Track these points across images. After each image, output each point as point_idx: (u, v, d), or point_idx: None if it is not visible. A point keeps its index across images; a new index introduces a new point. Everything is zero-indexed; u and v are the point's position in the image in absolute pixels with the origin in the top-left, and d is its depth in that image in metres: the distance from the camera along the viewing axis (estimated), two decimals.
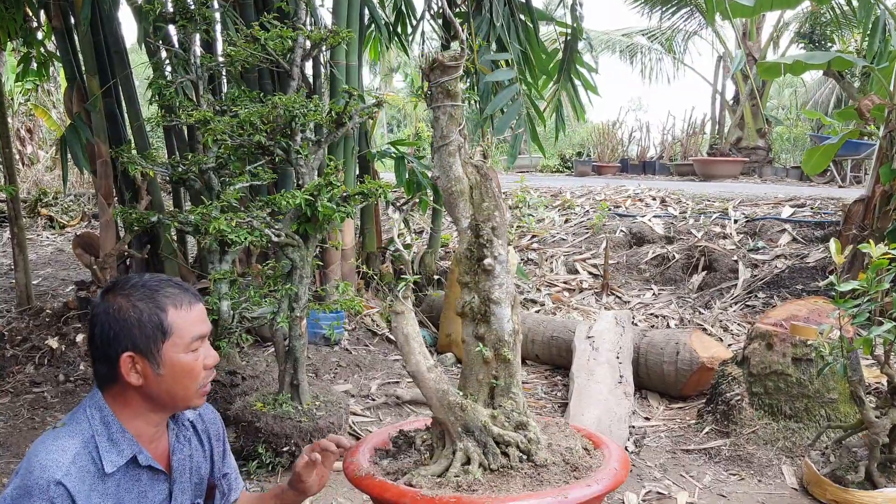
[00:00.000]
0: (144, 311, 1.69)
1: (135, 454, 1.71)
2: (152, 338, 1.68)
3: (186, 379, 1.73)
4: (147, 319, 1.68)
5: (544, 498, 1.96)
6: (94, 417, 1.69)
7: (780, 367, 4.23)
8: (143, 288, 1.72)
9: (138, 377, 1.69)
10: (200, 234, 3.80)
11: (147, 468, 1.74)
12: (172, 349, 1.70)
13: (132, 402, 1.73)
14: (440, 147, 2.11)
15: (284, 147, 3.77)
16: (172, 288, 1.74)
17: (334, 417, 3.87)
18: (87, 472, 1.63)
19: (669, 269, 7.89)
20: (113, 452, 1.68)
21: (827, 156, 7.05)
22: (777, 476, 3.90)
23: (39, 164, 15.26)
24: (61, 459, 1.60)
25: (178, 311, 1.71)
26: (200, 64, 4.43)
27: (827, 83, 21.69)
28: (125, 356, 1.68)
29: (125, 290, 1.72)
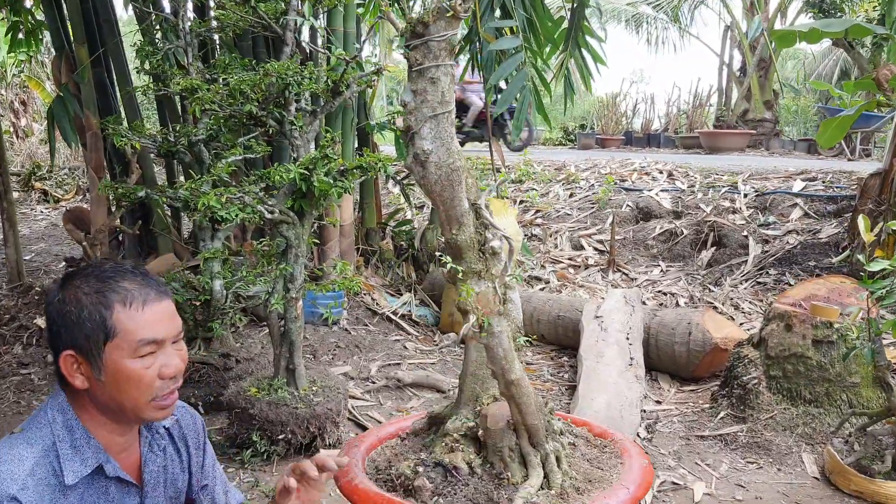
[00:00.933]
0: (86, 307, 1.45)
1: (101, 463, 1.50)
2: (92, 338, 1.45)
3: (133, 389, 1.48)
4: (87, 316, 1.45)
5: None
6: (56, 421, 1.48)
7: (799, 350, 4.03)
8: (94, 279, 1.49)
9: (83, 380, 1.48)
10: (190, 210, 3.58)
11: (115, 479, 1.53)
12: (116, 353, 1.46)
13: (85, 406, 1.51)
14: (440, 115, 1.87)
15: (278, 117, 3.54)
16: (127, 282, 1.49)
17: (332, 403, 3.68)
18: (47, 484, 1.42)
19: (677, 244, 7.68)
20: (76, 461, 1.46)
21: (843, 128, 6.78)
22: (797, 464, 3.72)
23: (33, 137, 15.00)
24: (17, 471, 1.39)
25: (126, 310, 1.46)
26: (190, 30, 4.20)
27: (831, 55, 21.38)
28: (65, 354, 1.46)
29: (76, 280, 1.49)
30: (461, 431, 2.05)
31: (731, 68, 16.65)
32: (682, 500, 3.40)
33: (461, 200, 1.94)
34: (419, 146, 1.90)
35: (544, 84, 6.30)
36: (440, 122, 1.88)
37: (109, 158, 6.42)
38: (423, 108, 1.88)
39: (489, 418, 2.01)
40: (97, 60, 6.11)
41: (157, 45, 4.28)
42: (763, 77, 15.39)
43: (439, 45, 1.85)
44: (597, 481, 2.04)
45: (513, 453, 2.00)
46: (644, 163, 10.61)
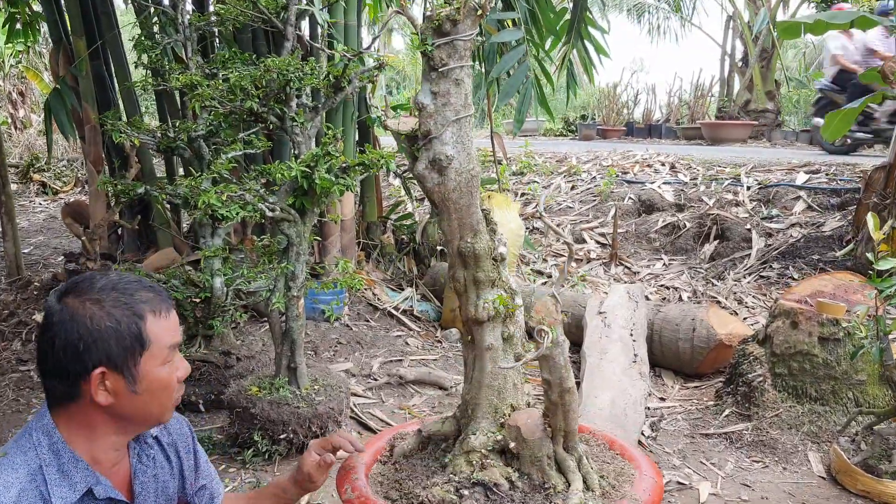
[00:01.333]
0: (122, 320, 1.43)
1: (90, 486, 1.46)
2: (129, 351, 1.44)
3: (163, 394, 1.50)
4: (126, 329, 1.43)
5: None
6: (42, 444, 1.44)
7: (805, 347, 3.99)
8: (115, 292, 1.46)
9: (108, 396, 1.44)
10: (190, 207, 3.53)
11: (106, 500, 1.50)
12: (150, 362, 1.46)
13: (94, 423, 1.47)
14: (462, 119, 1.81)
15: (278, 114, 3.49)
16: (147, 292, 1.50)
17: (334, 402, 3.65)
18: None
19: (680, 238, 7.64)
20: (64, 486, 1.42)
21: (847, 120, 6.73)
22: (803, 463, 3.69)
23: (32, 129, 14.93)
24: (3, 499, 1.35)
25: (156, 319, 1.48)
26: (189, 23, 4.14)
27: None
28: (96, 373, 1.42)
29: (94, 295, 1.45)
30: (489, 446, 1.99)
31: (733, 58, 16.56)
32: (688, 500, 3.37)
33: (476, 207, 1.90)
34: (441, 151, 1.83)
35: (546, 76, 6.24)
36: (462, 125, 1.83)
37: (108, 152, 6.37)
38: (445, 112, 1.81)
39: (524, 429, 1.95)
40: (95, 53, 6.05)
41: (155, 39, 4.22)
42: (765, 67, 15.30)
43: (465, 44, 1.79)
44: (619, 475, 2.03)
45: (550, 461, 1.97)
46: (646, 155, 10.55)
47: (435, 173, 1.85)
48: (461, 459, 2.00)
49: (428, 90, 1.85)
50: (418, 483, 1.99)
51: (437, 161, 1.83)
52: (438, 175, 1.85)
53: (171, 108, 6.20)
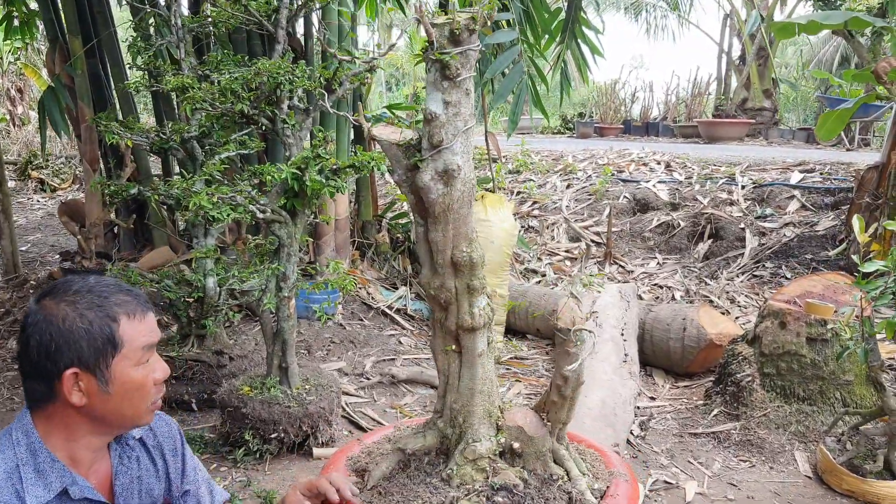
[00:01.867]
0: (94, 322, 1.45)
1: (66, 486, 1.48)
2: (102, 352, 1.45)
3: (137, 397, 1.51)
4: (98, 331, 1.45)
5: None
6: (20, 444, 1.46)
7: (793, 348, 4.02)
8: (90, 294, 1.48)
9: (81, 396, 1.46)
10: (182, 209, 3.56)
11: (83, 500, 1.52)
12: (123, 364, 1.47)
13: (71, 424, 1.50)
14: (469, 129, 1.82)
15: (269, 116, 3.51)
16: (123, 294, 1.51)
17: (325, 402, 3.68)
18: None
19: (674, 236, 7.67)
20: (38, 486, 1.44)
21: (842, 121, 6.76)
22: (790, 463, 3.73)
23: (30, 126, 14.93)
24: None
25: (130, 322, 1.49)
26: (182, 25, 4.16)
27: (832, 41, 21.27)
28: (69, 373, 1.44)
29: (69, 297, 1.47)
30: (496, 450, 2.01)
31: (730, 56, 16.57)
32: (674, 500, 3.41)
33: (472, 216, 1.92)
34: (452, 161, 1.82)
35: (541, 77, 6.27)
36: (468, 135, 1.84)
37: (104, 151, 6.39)
38: (456, 122, 1.81)
39: (527, 428, 2.01)
40: (91, 52, 6.07)
41: (150, 41, 4.25)
42: (762, 66, 15.31)
43: (473, 55, 1.80)
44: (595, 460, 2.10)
45: (550, 454, 2.01)
46: (642, 153, 10.57)
47: (441, 184, 1.83)
48: (468, 468, 1.99)
49: (440, 99, 1.82)
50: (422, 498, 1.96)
51: (447, 171, 1.81)
52: (444, 186, 1.84)
53: (167, 107, 6.22)
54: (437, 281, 1.96)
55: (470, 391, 2.06)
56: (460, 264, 1.94)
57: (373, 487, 1.99)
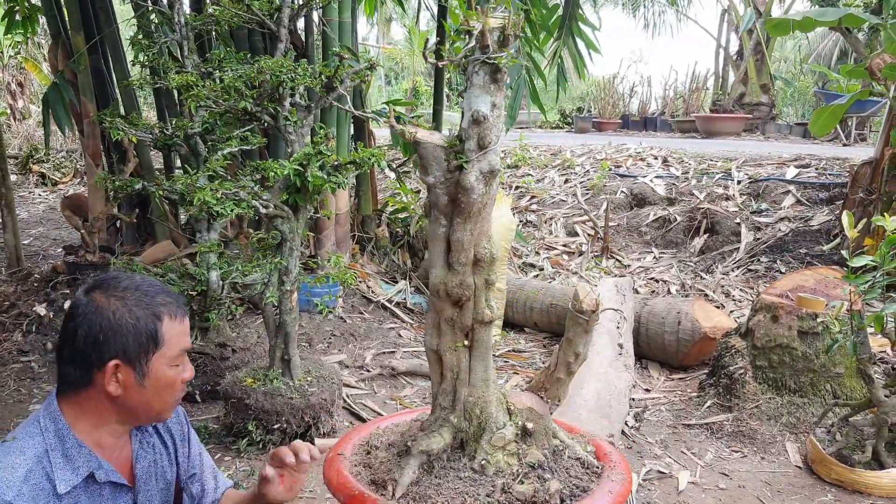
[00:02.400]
0: (141, 318, 1.56)
1: (92, 471, 1.57)
2: (144, 347, 1.56)
3: (166, 393, 1.62)
4: (143, 327, 1.55)
5: None
6: (49, 430, 1.55)
7: (785, 341, 4.11)
8: (138, 292, 1.59)
9: (118, 387, 1.56)
10: (186, 204, 3.63)
11: (108, 483, 1.61)
12: (160, 361, 1.58)
13: (102, 411, 1.59)
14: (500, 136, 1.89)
15: (272, 113, 3.58)
16: (166, 296, 1.62)
17: (326, 393, 3.76)
18: (42, 490, 1.49)
19: (671, 231, 7.75)
20: (67, 470, 1.53)
21: (835, 117, 6.83)
22: (780, 453, 3.81)
23: (31, 119, 14.97)
24: (11, 478, 1.46)
25: (172, 322, 1.60)
26: (185, 23, 4.23)
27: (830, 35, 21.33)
28: (111, 364, 1.54)
29: (118, 292, 1.57)
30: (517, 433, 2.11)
31: (727, 52, 16.63)
32: (667, 489, 3.49)
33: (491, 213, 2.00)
34: (495, 162, 1.88)
35: (539, 73, 6.34)
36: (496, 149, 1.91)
37: (107, 146, 6.46)
38: (499, 123, 1.88)
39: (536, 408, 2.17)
40: (94, 48, 6.13)
41: (152, 39, 4.31)
42: (760, 61, 15.37)
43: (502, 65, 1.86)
44: None
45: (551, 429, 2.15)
46: (639, 148, 10.64)
47: (482, 184, 1.90)
48: (499, 455, 2.03)
49: (489, 101, 1.86)
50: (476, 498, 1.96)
51: (492, 171, 1.88)
52: (485, 185, 1.90)
53: (169, 103, 6.29)
54: (455, 279, 1.99)
55: (484, 382, 2.12)
56: (482, 260, 2.00)
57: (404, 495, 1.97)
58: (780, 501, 3.38)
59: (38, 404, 4.27)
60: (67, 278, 5.78)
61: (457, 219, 1.97)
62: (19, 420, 4.08)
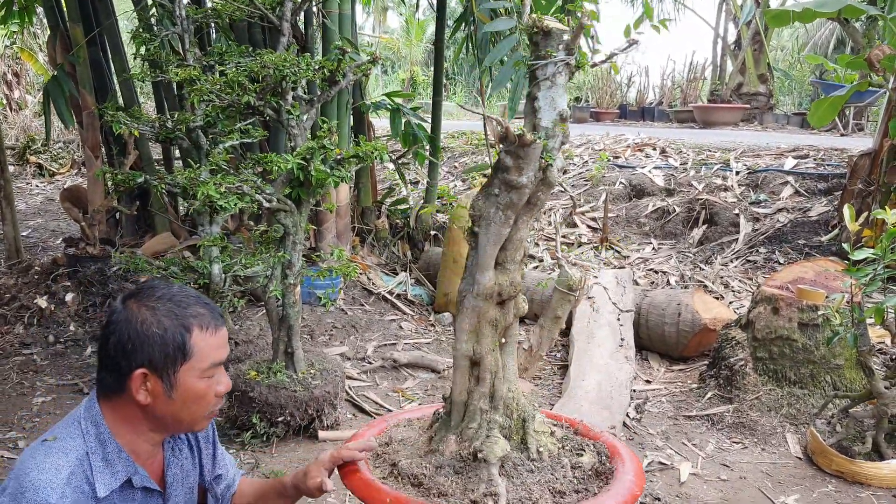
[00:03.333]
0: (169, 329, 1.56)
1: (129, 476, 1.59)
2: (171, 358, 1.56)
3: (196, 405, 1.62)
4: (171, 338, 1.56)
5: None
6: (90, 433, 1.57)
7: (785, 332, 4.13)
8: (170, 302, 1.59)
9: (147, 395, 1.57)
10: (189, 198, 3.64)
11: (142, 489, 1.63)
12: (189, 373, 1.58)
13: (134, 419, 1.60)
14: None
15: (275, 107, 3.59)
16: (200, 307, 1.61)
17: (330, 386, 3.78)
18: (82, 493, 1.51)
19: (669, 222, 7.76)
20: (107, 474, 1.55)
21: (834, 108, 6.83)
22: (781, 444, 3.84)
23: (27, 110, 14.92)
24: (56, 480, 1.47)
25: (202, 334, 1.59)
26: (187, 16, 4.22)
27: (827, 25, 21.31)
28: (138, 372, 1.55)
29: (151, 302, 1.58)
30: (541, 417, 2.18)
31: (725, 41, 16.60)
32: (669, 480, 3.52)
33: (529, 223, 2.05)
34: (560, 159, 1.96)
35: None
36: None
37: (106, 138, 6.45)
38: None
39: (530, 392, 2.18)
40: (92, 40, 6.12)
41: (153, 32, 4.31)
42: (758, 51, 15.35)
43: None
44: None
45: None
46: (637, 139, 10.64)
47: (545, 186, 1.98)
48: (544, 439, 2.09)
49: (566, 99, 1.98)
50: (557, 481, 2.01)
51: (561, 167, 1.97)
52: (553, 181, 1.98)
53: (168, 95, 6.29)
54: (506, 278, 1.99)
55: (514, 375, 2.15)
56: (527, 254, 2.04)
57: None
58: (781, 492, 3.40)
59: (42, 397, 4.29)
60: (68, 271, 5.78)
61: (523, 217, 2.00)
62: (23, 413, 4.10)
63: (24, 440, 3.77)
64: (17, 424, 3.97)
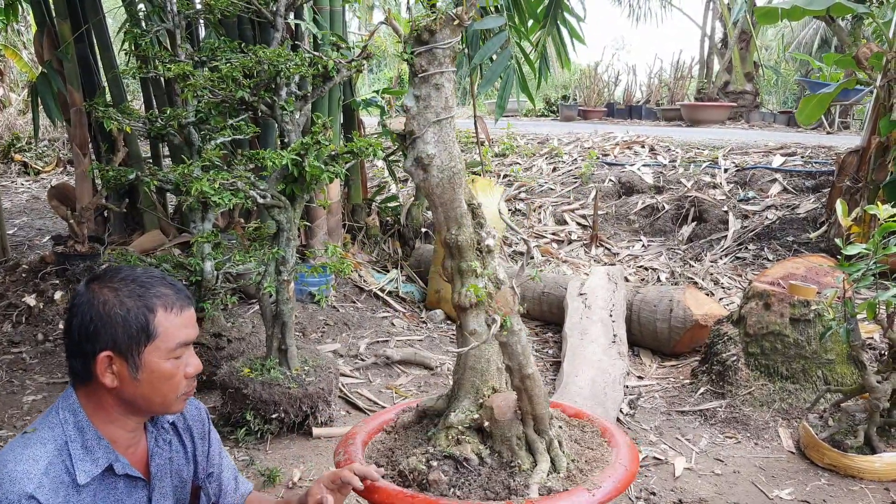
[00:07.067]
0: (132, 310, 1.53)
1: (111, 463, 1.57)
2: (135, 339, 1.53)
3: (165, 386, 1.59)
4: (133, 319, 1.53)
5: None
6: (68, 422, 1.55)
7: (777, 328, 4.16)
8: (133, 283, 1.56)
9: (113, 378, 1.55)
10: (181, 193, 3.62)
11: (124, 476, 1.61)
12: (154, 354, 1.55)
13: (106, 404, 1.58)
14: (443, 120, 1.92)
15: (268, 102, 3.57)
16: (164, 287, 1.59)
17: (324, 383, 3.77)
18: (61, 482, 1.50)
19: (659, 219, 7.79)
20: (87, 461, 1.54)
21: (822, 106, 6.89)
22: (774, 439, 3.86)
23: (11, 108, 14.78)
24: (33, 470, 1.46)
25: (167, 314, 1.56)
26: (178, 11, 4.20)
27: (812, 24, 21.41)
28: (102, 355, 1.53)
29: (113, 283, 1.56)
30: (466, 423, 2.10)
31: (712, 40, 16.67)
32: (664, 475, 3.53)
33: (461, 202, 2.01)
34: (422, 150, 1.93)
35: (529, 63, 6.34)
36: (443, 127, 1.93)
37: (94, 135, 6.40)
38: (426, 114, 1.92)
39: (496, 410, 2.07)
40: (80, 36, 6.06)
41: (143, 27, 4.27)
42: (744, 49, 15.43)
43: (444, 52, 1.89)
44: (594, 461, 2.14)
45: (520, 441, 2.08)
46: (626, 136, 10.67)
47: (420, 170, 1.96)
48: (441, 434, 2.11)
49: (412, 94, 1.95)
50: (403, 453, 2.13)
51: (419, 159, 1.94)
52: (423, 172, 1.95)
53: (157, 92, 6.25)
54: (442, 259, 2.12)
55: (463, 366, 2.18)
56: (450, 246, 2.04)
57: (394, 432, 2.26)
58: (775, 486, 3.42)
59: (32, 396, 4.26)
60: (56, 269, 5.73)
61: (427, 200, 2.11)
62: (13, 411, 4.06)
63: None
64: (7, 423, 3.93)
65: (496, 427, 2.08)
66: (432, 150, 1.93)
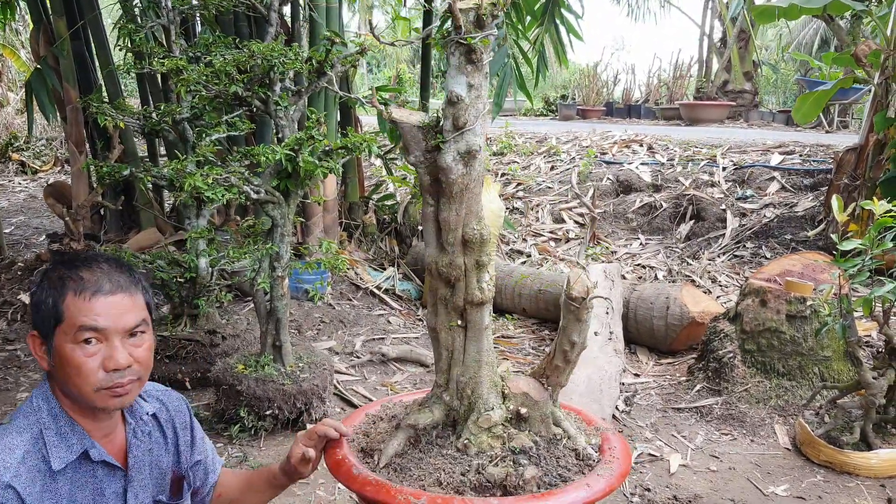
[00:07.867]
0: (49, 293, 1.54)
1: (86, 449, 1.56)
2: (47, 320, 1.53)
3: (74, 375, 1.52)
4: (46, 300, 1.54)
5: None
6: (42, 409, 1.55)
7: (773, 325, 4.15)
8: (63, 266, 1.57)
9: (42, 360, 1.57)
10: (176, 189, 3.61)
11: (101, 463, 1.60)
12: (62, 338, 1.52)
13: (56, 390, 1.59)
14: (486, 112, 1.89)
15: (263, 98, 3.56)
16: (88, 272, 1.55)
17: (318, 379, 3.75)
18: (38, 471, 1.49)
19: (657, 218, 7.78)
20: (61, 448, 1.53)
21: (818, 104, 6.88)
22: (770, 436, 3.85)
23: (9, 107, 14.76)
24: (9, 460, 1.45)
25: (75, 298, 1.52)
26: (173, 7, 4.18)
27: (811, 24, 21.43)
28: (31, 335, 1.57)
29: (54, 269, 1.58)
30: (507, 417, 2.10)
31: (711, 39, 16.68)
32: (659, 472, 3.52)
33: (481, 195, 1.99)
34: (474, 142, 1.88)
35: (526, 60, 6.33)
36: (485, 117, 1.92)
37: (90, 132, 6.39)
38: (478, 104, 1.88)
39: (532, 393, 2.11)
40: (76, 33, 6.06)
41: (139, 23, 4.26)
42: (743, 48, 15.43)
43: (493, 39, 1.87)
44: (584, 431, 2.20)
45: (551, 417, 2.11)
46: (624, 135, 10.66)
47: (461, 165, 1.91)
48: (483, 436, 2.04)
49: (465, 82, 1.88)
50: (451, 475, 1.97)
51: (469, 152, 1.89)
52: (464, 166, 1.91)
53: (153, 89, 6.23)
54: (445, 259, 2.01)
55: (477, 363, 2.12)
56: (471, 241, 2.01)
57: (386, 465, 2.00)
58: (771, 482, 3.41)
59: (26, 393, 4.25)
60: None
61: (442, 199, 2.00)
62: (7, 408, 4.05)
63: None
64: (1, 419, 3.92)
65: (535, 409, 2.10)
66: (480, 142, 1.90)
